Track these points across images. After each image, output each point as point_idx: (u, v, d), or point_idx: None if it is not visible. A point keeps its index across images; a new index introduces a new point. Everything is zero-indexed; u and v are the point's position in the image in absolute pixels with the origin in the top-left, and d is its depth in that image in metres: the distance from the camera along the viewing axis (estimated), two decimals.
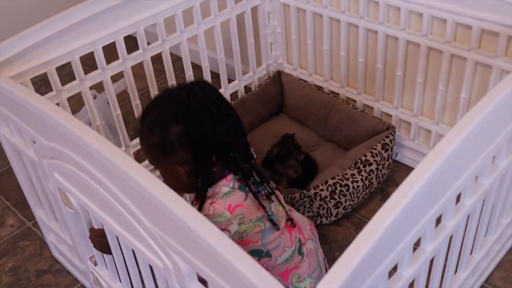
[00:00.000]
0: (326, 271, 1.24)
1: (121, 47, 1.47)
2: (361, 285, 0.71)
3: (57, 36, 1.32)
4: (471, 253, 1.19)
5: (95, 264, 1.28)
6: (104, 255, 1.19)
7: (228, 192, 1.08)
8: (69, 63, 1.39)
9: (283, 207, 1.19)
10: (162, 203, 0.77)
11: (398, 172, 1.72)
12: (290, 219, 1.19)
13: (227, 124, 1.09)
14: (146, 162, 1.21)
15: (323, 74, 1.84)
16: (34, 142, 1.13)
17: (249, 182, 1.10)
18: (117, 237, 1.04)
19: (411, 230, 0.81)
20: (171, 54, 1.61)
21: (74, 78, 1.43)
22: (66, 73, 1.77)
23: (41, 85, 1.94)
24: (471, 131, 0.83)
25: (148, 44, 1.55)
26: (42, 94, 1.22)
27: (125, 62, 1.51)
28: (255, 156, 1.19)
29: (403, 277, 0.85)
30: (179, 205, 0.76)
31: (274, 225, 1.13)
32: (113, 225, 0.98)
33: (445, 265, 1.05)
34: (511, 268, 1.43)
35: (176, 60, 1.80)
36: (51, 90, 1.38)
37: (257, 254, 1.13)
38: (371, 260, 0.71)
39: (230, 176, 1.09)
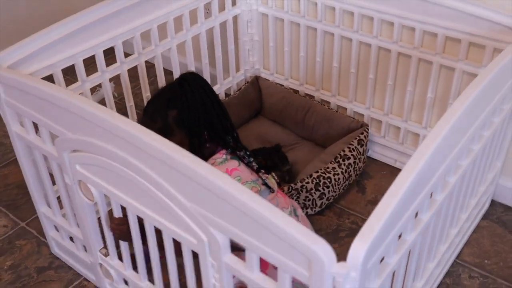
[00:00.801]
0: None
1: (119, 52, 1.57)
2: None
3: (62, 41, 1.41)
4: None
5: (105, 255, 1.36)
6: (121, 244, 1.28)
7: (223, 161, 1.24)
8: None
9: (274, 179, 1.34)
10: (204, 176, 0.88)
11: (370, 166, 1.89)
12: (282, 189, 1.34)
13: (214, 106, 1.28)
14: None
15: (298, 79, 2.00)
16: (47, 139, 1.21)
17: (240, 154, 1.26)
18: (139, 223, 1.14)
19: (417, 198, 0.97)
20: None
21: (76, 79, 1.52)
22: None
23: None
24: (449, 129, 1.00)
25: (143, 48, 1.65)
26: None
27: (122, 65, 1.60)
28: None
29: (406, 241, 1.01)
30: (220, 178, 0.87)
31: (269, 188, 1.27)
32: (140, 209, 1.08)
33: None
34: (477, 245, 1.62)
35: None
36: None
37: None
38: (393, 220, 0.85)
39: (223, 151, 1.27)
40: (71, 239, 1.53)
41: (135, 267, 1.30)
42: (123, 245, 1.28)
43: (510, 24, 1.41)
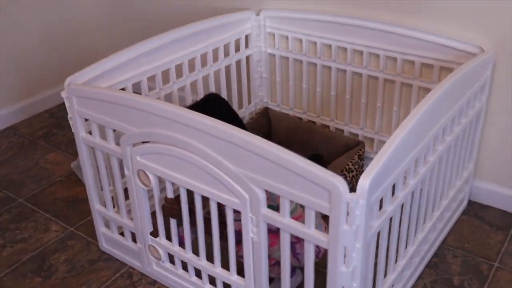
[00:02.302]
0: None
1: (172, 74, 1.98)
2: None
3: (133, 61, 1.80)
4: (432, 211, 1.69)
5: (155, 237, 1.66)
6: (171, 222, 1.58)
7: None
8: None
9: None
10: (252, 142, 1.21)
11: None
12: None
13: (235, 123, 1.51)
14: None
15: (302, 108, 2.36)
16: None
17: None
18: (188, 199, 1.46)
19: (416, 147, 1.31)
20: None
21: None
22: None
23: None
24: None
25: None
26: None
27: (173, 85, 2.01)
28: None
29: (409, 185, 1.36)
30: (260, 140, 1.21)
31: None
32: (191, 183, 1.40)
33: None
34: (459, 234, 1.94)
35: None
36: None
37: (270, 208, 1.54)
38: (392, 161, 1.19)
39: None
40: (120, 234, 1.83)
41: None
42: (172, 223, 1.58)
43: (468, 49, 1.80)
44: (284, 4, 2.22)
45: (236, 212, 1.37)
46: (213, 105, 1.62)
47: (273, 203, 1.47)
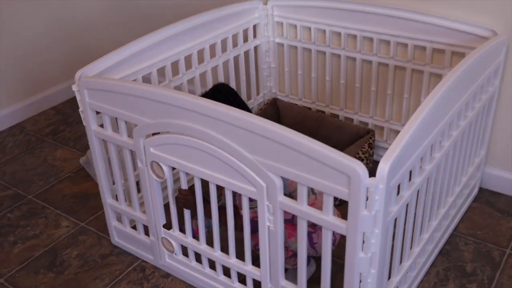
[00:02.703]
0: None
1: (181, 65, 1.97)
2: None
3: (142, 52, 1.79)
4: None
5: (168, 229, 1.64)
6: (185, 213, 1.57)
7: None
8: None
9: None
10: (268, 128, 1.20)
11: (375, 168, 2.21)
12: None
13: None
14: None
15: (310, 98, 2.35)
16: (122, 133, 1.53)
17: None
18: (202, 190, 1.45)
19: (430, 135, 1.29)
20: None
21: None
22: None
23: None
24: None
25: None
26: None
27: (183, 76, 2.00)
28: None
29: (425, 170, 1.36)
30: (276, 126, 1.19)
31: None
32: (206, 172, 1.38)
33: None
34: (470, 221, 1.93)
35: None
36: None
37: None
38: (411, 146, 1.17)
39: None
40: (132, 227, 1.82)
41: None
42: (186, 214, 1.57)
43: (481, 33, 1.78)
44: None
45: (250, 201, 1.36)
46: (221, 95, 1.61)
47: (285, 191, 1.46)
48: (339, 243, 1.49)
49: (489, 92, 1.76)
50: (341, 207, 1.51)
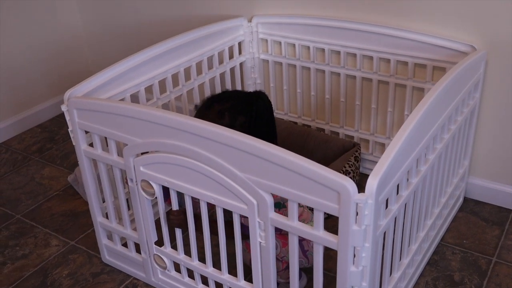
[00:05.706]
0: None
1: (168, 83, 1.99)
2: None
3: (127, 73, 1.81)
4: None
5: (160, 246, 1.66)
6: (176, 232, 1.58)
7: None
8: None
9: None
10: (258, 147, 1.22)
11: (361, 180, 2.25)
12: None
13: (274, 125, 1.65)
14: None
15: (296, 112, 2.38)
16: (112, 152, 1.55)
17: None
18: (195, 205, 1.46)
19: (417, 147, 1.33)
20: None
21: None
22: None
23: None
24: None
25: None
26: None
27: (170, 94, 2.02)
28: None
29: (412, 183, 1.38)
30: (267, 145, 1.22)
31: None
32: (197, 190, 1.40)
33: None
34: (456, 231, 1.97)
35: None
36: None
37: (277, 206, 1.45)
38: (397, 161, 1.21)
39: None
40: (123, 245, 1.82)
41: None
42: (178, 232, 1.59)
43: (460, 49, 1.83)
44: (276, 10, 2.24)
45: None
46: (262, 103, 1.64)
47: (281, 201, 1.49)
48: (328, 256, 1.52)
49: (470, 105, 1.81)
50: (329, 219, 1.54)
